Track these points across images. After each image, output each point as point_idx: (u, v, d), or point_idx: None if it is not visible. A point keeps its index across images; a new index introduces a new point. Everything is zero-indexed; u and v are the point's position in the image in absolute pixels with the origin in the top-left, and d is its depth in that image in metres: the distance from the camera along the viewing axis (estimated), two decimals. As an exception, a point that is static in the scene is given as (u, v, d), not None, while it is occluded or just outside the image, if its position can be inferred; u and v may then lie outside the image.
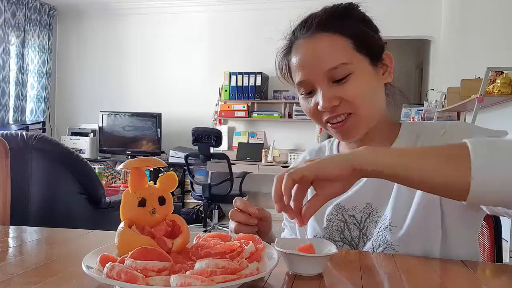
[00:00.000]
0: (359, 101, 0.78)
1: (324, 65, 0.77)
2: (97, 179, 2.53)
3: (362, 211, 0.85)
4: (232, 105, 5.11)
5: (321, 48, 0.78)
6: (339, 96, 0.77)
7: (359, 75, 0.78)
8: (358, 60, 0.78)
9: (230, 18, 5.24)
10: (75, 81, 5.73)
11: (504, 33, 2.80)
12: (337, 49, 0.78)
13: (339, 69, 0.77)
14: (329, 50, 0.78)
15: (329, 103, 0.77)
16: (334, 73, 0.77)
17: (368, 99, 0.79)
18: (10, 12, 4.92)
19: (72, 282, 0.61)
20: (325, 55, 0.77)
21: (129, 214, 0.65)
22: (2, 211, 1.24)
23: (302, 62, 0.80)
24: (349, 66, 0.77)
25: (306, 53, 0.80)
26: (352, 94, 0.77)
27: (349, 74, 0.77)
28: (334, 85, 0.78)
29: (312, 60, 0.79)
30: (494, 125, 2.93)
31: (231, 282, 0.53)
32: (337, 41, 0.78)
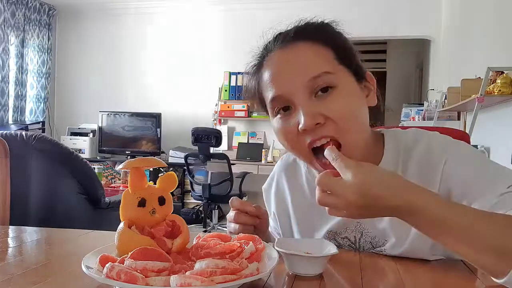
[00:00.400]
0: (345, 121, 0.67)
1: (304, 74, 0.67)
2: (97, 179, 2.53)
3: (354, 231, 0.83)
4: (232, 105, 5.11)
5: (300, 56, 0.69)
6: (323, 113, 0.66)
7: (343, 90, 0.68)
8: (342, 72, 0.69)
9: (230, 17, 5.24)
10: (75, 81, 5.73)
11: (504, 33, 2.80)
12: (319, 58, 0.68)
13: (321, 78, 0.66)
14: (309, 58, 0.68)
15: (312, 119, 0.65)
16: (316, 84, 0.67)
17: (354, 119, 0.68)
18: (9, 12, 4.91)
19: (72, 282, 0.61)
20: (305, 63, 0.68)
21: (129, 214, 0.65)
22: (2, 211, 1.24)
23: (277, 73, 0.70)
24: (333, 77, 0.67)
25: (282, 63, 0.70)
26: (337, 111, 0.66)
27: (332, 86, 0.67)
28: (315, 100, 0.67)
29: (289, 70, 0.68)
30: (494, 125, 2.93)
31: (231, 282, 0.53)
32: (318, 49, 0.69)
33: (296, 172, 0.90)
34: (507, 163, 2.53)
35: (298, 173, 0.90)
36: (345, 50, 0.71)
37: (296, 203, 0.89)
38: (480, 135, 2.96)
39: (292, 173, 0.91)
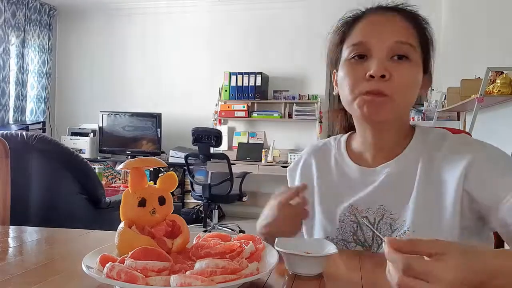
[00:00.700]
0: (402, 87, 0.76)
1: (393, 35, 0.77)
2: (97, 179, 2.53)
3: (376, 213, 0.83)
4: (232, 105, 5.11)
5: (396, 23, 0.79)
6: (391, 72, 0.76)
7: (413, 66, 0.78)
8: (419, 52, 0.80)
9: (230, 18, 5.24)
10: (75, 81, 5.73)
11: (504, 33, 2.80)
12: (409, 32, 0.79)
13: (405, 46, 0.77)
14: (402, 27, 0.79)
15: (382, 70, 0.75)
16: (399, 48, 0.77)
17: (409, 91, 0.78)
18: (10, 12, 4.92)
19: (72, 282, 0.61)
20: (398, 29, 0.78)
21: (129, 214, 0.65)
22: (2, 211, 1.24)
23: (372, 28, 0.80)
24: (412, 51, 0.78)
25: (380, 21, 0.80)
26: (402, 77, 0.76)
27: (408, 58, 0.77)
28: (390, 60, 0.77)
29: (384, 27, 0.79)
30: (494, 125, 2.93)
31: (231, 282, 0.53)
32: (409, 27, 0.80)
33: (325, 154, 0.94)
34: (507, 163, 2.52)
35: (327, 156, 0.94)
36: (427, 41, 0.82)
37: (321, 180, 0.92)
38: (480, 135, 2.95)
39: (321, 155, 0.95)
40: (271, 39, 5.07)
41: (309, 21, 4.82)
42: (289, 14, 5.00)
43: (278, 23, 5.06)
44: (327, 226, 0.88)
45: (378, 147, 0.85)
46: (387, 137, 0.84)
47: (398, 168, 0.82)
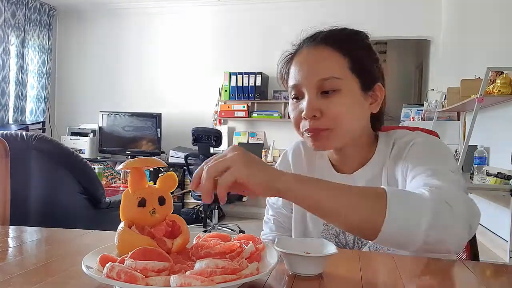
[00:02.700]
0: (337, 120, 0.80)
1: (316, 74, 0.81)
2: (97, 179, 2.53)
3: None
4: (232, 105, 5.11)
5: (318, 58, 0.83)
6: (322, 109, 0.80)
7: (345, 95, 0.81)
8: (349, 79, 0.82)
9: (230, 18, 5.24)
10: (75, 81, 5.73)
11: (504, 33, 2.80)
12: (333, 63, 0.82)
13: (328, 81, 0.80)
14: (325, 62, 0.82)
15: (311, 111, 0.80)
16: (324, 84, 0.80)
17: (347, 120, 0.82)
18: (10, 12, 4.91)
19: (72, 282, 0.61)
20: (320, 66, 0.82)
21: (129, 214, 0.65)
22: (2, 211, 1.24)
23: (299, 67, 0.84)
24: (339, 82, 0.80)
25: (305, 60, 0.84)
26: (333, 111, 0.80)
27: (336, 89, 0.80)
28: (321, 97, 0.81)
29: (308, 67, 0.83)
30: (494, 125, 2.93)
31: (231, 282, 0.53)
32: (334, 56, 0.82)
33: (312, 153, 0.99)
34: (507, 163, 2.53)
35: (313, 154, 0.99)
36: (359, 62, 0.83)
37: None
38: (479, 135, 2.96)
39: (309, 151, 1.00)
40: (271, 39, 5.07)
41: (309, 21, 4.81)
42: (289, 14, 5.00)
43: (278, 23, 5.06)
44: (312, 228, 0.94)
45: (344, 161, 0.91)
46: (349, 155, 0.90)
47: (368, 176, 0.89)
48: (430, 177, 0.71)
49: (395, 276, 0.66)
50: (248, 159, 0.63)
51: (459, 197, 0.65)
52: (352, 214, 0.62)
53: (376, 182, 0.88)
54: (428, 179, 0.71)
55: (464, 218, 0.63)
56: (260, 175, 0.62)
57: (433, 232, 0.60)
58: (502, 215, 2.53)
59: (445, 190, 0.65)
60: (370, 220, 0.61)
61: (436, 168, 0.73)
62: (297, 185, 0.63)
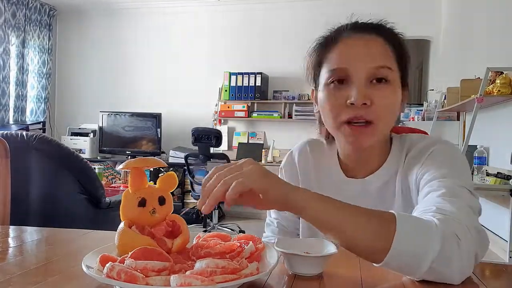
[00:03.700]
0: (384, 112, 0.78)
1: (371, 60, 0.78)
2: (97, 179, 2.53)
3: None
4: (232, 105, 5.11)
5: (372, 45, 0.79)
6: (372, 98, 0.77)
7: (393, 87, 0.79)
8: (396, 73, 0.80)
9: (230, 18, 5.24)
10: (75, 81, 5.73)
11: (504, 33, 2.80)
12: (386, 53, 0.80)
13: (383, 70, 0.77)
14: (380, 50, 0.79)
15: (363, 98, 0.76)
16: (377, 72, 0.77)
17: (390, 114, 0.80)
18: (10, 12, 4.91)
19: (72, 282, 0.61)
20: (376, 54, 0.79)
21: (129, 214, 0.65)
22: (2, 211, 1.24)
23: (350, 52, 0.80)
24: (391, 73, 0.78)
25: (357, 45, 0.80)
26: (383, 102, 0.77)
27: (388, 80, 0.78)
28: (370, 85, 0.77)
29: (361, 53, 0.79)
30: (494, 125, 2.92)
31: (231, 282, 0.53)
32: (387, 47, 0.80)
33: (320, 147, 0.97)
34: (507, 163, 2.53)
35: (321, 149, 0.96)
36: (404, 57, 0.83)
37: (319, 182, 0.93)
38: (479, 135, 2.96)
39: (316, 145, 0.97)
40: (271, 39, 5.07)
41: (309, 21, 4.82)
42: (289, 14, 5.00)
43: (278, 23, 5.06)
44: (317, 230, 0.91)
45: (360, 162, 0.88)
46: (368, 155, 0.86)
47: (382, 180, 0.86)
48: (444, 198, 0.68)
49: (395, 276, 0.66)
50: (266, 172, 0.62)
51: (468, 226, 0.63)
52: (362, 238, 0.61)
53: (388, 188, 0.85)
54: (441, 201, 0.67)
55: (471, 251, 0.61)
56: (278, 189, 0.62)
57: (437, 264, 0.59)
58: (502, 215, 2.53)
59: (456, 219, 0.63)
60: (376, 245, 0.60)
61: (451, 187, 0.70)
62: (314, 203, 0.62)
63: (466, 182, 0.73)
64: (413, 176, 0.80)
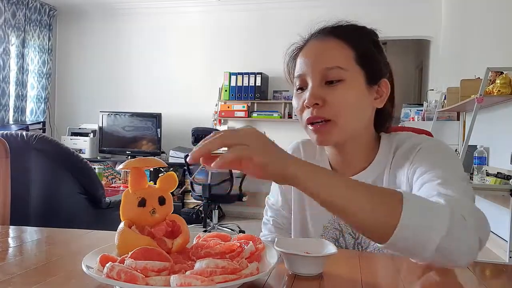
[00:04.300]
0: (340, 110, 0.79)
1: (321, 63, 0.81)
2: (97, 179, 2.53)
3: None
4: (232, 105, 5.11)
5: (325, 48, 0.83)
6: (324, 98, 0.79)
7: (349, 85, 0.80)
8: (354, 71, 0.81)
9: (230, 18, 5.24)
10: (75, 81, 5.73)
11: (504, 33, 2.80)
12: (338, 53, 0.81)
13: (333, 71, 0.80)
14: (331, 51, 0.82)
15: (313, 99, 0.79)
16: (328, 74, 0.80)
17: (350, 111, 0.81)
18: (10, 12, 4.91)
19: (72, 282, 0.61)
20: (326, 55, 0.82)
21: (129, 214, 0.65)
22: (2, 211, 1.24)
23: (305, 58, 0.84)
24: (343, 73, 0.80)
25: (311, 51, 0.84)
26: (336, 100, 0.79)
27: (340, 80, 0.79)
28: (325, 86, 0.80)
29: (313, 57, 0.83)
30: (494, 125, 2.92)
31: (231, 282, 0.53)
32: (341, 47, 0.82)
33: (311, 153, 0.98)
34: (507, 163, 2.53)
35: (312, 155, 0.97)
36: (365, 55, 0.82)
37: None
38: (479, 135, 2.96)
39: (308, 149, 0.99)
40: (271, 39, 5.07)
41: (309, 21, 4.82)
42: (289, 14, 5.00)
43: (279, 23, 5.06)
44: (312, 231, 0.93)
45: (345, 162, 0.89)
46: (350, 154, 0.88)
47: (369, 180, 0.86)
48: (441, 186, 0.69)
49: (395, 276, 0.66)
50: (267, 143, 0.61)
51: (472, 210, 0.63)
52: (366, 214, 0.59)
53: None
54: (440, 188, 0.68)
55: (476, 233, 0.61)
56: (279, 164, 0.60)
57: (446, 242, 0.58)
58: (502, 215, 2.53)
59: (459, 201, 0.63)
60: (383, 222, 0.59)
61: (446, 177, 0.71)
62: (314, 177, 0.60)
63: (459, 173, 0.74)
64: (403, 175, 0.81)
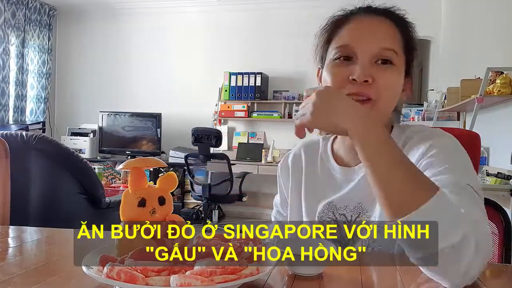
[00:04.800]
0: (385, 92, 0.79)
1: (379, 41, 0.79)
2: (97, 179, 2.53)
3: (353, 211, 0.86)
4: (232, 105, 5.11)
5: (381, 27, 0.81)
6: (374, 76, 0.78)
7: (397, 71, 0.81)
8: (402, 58, 0.82)
9: (230, 18, 5.24)
10: (75, 81, 5.73)
11: (504, 33, 2.80)
12: (394, 37, 0.81)
13: (388, 52, 0.79)
14: (387, 32, 0.81)
15: (365, 76, 0.77)
16: (383, 54, 0.79)
17: (391, 95, 0.81)
18: (10, 12, 4.91)
19: (72, 282, 0.61)
20: (382, 34, 0.80)
21: (129, 214, 0.65)
22: (2, 211, 1.24)
23: (358, 31, 0.82)
24: (396, 57, 0.80)
25: (368, 25, 0.82)
26: (384, 82, 0.79)
27: (392, 63, 0.79)
28: (374, 65, 0.79)
29: (369, 33, 0.81)
30: (494, 125, 2.92)
31: (231, 282, 0.53)
32: (394, 30, 0.82)
33: (313, 150, 0.97)
34: (507, 163, 2.53)
35: (315, 153, 0.96)
36: (410, 45, 0.84)
37: (307, 176, 0.95)
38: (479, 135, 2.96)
39: (310, 149, 0.98)
40: (271, 39, 5.07)
41: (309, 21, 4.82)
42: (289, 14, 5.00)
43: (279, 23, 5.06)
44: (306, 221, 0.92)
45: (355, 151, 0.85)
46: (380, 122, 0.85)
47: None
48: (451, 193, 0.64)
49: (395, 276, 0.66)
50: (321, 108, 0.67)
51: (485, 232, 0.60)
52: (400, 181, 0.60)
53: None
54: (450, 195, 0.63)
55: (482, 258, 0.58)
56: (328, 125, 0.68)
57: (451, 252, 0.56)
58: (502, 215, 2.52)
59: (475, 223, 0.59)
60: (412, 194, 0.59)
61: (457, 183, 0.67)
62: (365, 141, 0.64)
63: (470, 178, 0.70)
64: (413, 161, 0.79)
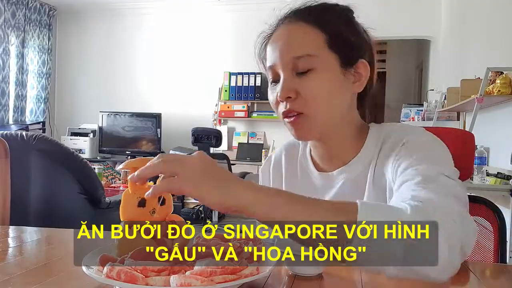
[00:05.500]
0: (313, 101, 0.74)
1: (290, 52, 0.75)
2: (97, 179, 2.53)
3: None
4: (232, 105, 5.11)
5: (292, 35, 0.76)
6: (297, 89, 0.74)
7: (321, 73, 0.74)
8: (326, 56, 0.75)
9: (230, 18, 5.24)
10: (75, 81, 5.73)
11: (504, 33, 2.80)
12: (307, 39, 0.75)
13: (302, 59, 0.74)
14: (299, 38, 0.75)
15: (285, 93, 0.74)
16: (297, 63, 0.74)
17: (324, 100, 0.75)
18: (10, 12, 4.91)
19: (72, 282, 0.61)
20: (294, 43, 0.75)
21: (129, 214, 0.65)
22: (2, 211, 1.24)
23: (274, 47, 0.78)
24: (314, 60, 0.74)
25: (279, 39, 0.78)
26: (309, 91, 0.74)
27: (311, 69, 0.74)
28: (296, 77, 0.75)
29: (282, 46, 0.76)
30: (494, 126, 2.92)
31: (231, 282, 0.53)
32: (310, 32, 0.75)
33: (294, 153, 0.94)
34: (507, 163, 2.53)
35: (295, 155, 0.93)
36: (338, 37, 0.76)
37: (288, 179, 0.93)
38: (479, 135, 2.96)
39: (290, 152, 0.95)
40: (271, 39, 5.07)
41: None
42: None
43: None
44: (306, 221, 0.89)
45: (329, 156, 0.84)
46: (334, 147, 0.82)
47: (353, 174, 0.80)
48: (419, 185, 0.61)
49: (395, 276, 0.66)
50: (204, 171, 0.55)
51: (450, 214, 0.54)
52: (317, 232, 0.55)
53: (359, 181, 0.79)
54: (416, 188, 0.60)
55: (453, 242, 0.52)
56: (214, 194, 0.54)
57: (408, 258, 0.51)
58: (502, 215, 2.52)
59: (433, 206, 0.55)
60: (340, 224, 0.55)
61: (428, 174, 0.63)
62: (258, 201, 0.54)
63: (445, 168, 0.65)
64: (389, 169, 0.74)
